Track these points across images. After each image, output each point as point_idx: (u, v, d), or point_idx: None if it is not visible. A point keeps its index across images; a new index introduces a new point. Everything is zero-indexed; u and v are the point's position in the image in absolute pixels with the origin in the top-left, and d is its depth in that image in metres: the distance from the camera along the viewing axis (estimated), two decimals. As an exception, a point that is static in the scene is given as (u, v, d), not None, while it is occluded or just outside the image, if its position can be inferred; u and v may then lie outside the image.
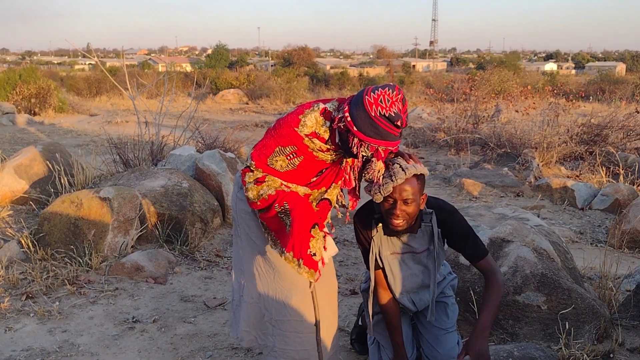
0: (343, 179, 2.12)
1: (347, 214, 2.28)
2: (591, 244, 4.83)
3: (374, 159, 1.92)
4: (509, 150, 8.03)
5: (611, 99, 15.61)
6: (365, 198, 2.23)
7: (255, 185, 2.02)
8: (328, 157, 2.00)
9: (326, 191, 2.15)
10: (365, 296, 2.47)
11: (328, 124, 1.94)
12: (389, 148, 1.91)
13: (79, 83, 21.57)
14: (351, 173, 2.09)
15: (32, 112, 14.21)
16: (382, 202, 2.07)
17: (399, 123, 1.85)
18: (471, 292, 2.88)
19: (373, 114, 1.83)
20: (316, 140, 1.94)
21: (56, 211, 3.95)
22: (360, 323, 2.82)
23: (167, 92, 7.19)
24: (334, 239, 2.32)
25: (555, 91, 10.47)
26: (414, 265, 2.30)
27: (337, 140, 1.96)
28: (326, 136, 1.95)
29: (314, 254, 2.01)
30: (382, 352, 2.46)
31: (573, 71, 51.81)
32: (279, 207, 2.01)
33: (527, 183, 6.81)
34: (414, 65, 56.59)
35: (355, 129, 1.86)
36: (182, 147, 5.72)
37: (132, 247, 4.11)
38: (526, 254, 2.99)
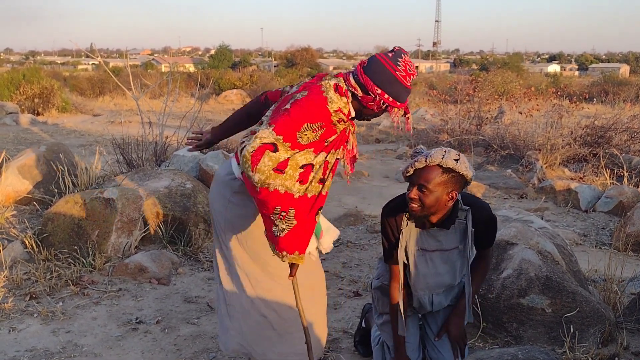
0: (342, 147, 2.13)
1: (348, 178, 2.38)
2: (595, 246, 4.81)
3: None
4: (512, 152, 8.02)
5: (615, 100, 15.59)
6: (394, 192, 2.24)
7: (274, 172, 1.88)
8: (341, 127, 2.08)
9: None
10: (376, 294, 2.45)
11: (344, 99, 2.05)
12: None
13: (82, 83, 21.64)
14: (351, 137, 2.16)
15: (36, 112, 14.25)
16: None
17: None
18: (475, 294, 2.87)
19: (409, 84, 2.07)
20: (340, 114, 2.03)
21: (60, 211, 3.95)
22: (363, 325, 2.81)
23: (170, 93, 7.19)
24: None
25: (558, 93, 10.45)
26: (441, 264, 2.25)
27: (353, 114, 2.11)
28: (346, 110, 2.05)
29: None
30: (386, 354, 2.45)
31: (576, 73, 51.76)
32: (284, 214, 1.93)
33: (531, 185, 6.80)
34: (417, 67, 56.49)
35: (399, 103, 2.07)
36: (186, 148, 5.72)
37: (135, 247, 4.11)
38: (531, 256, 2.98)
